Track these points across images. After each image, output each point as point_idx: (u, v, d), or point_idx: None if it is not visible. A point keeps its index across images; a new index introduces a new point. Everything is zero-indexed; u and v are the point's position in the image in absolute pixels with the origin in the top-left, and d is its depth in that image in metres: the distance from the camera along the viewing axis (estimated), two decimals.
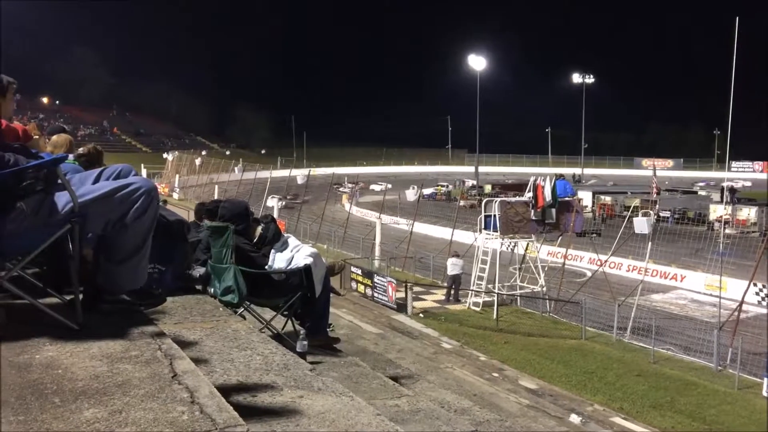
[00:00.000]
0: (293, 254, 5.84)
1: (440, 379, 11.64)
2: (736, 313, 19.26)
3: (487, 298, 23.51)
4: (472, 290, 24.07)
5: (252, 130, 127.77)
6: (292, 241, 6.10)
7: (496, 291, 23.32)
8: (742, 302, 19.51)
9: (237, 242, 5.61)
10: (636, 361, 17.93)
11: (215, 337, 3.65)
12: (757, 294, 22.96)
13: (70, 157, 5.05)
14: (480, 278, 23.94)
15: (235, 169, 63.22)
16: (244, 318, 5.26)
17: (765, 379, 15.49)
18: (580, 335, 20.24)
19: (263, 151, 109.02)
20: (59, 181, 2.75)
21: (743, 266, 23.77)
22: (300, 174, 59.70)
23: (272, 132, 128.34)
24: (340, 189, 58.59)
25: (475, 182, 69.39)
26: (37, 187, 2.70)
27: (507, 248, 25.05)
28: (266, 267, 5.87)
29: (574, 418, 12.45)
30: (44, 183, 2.71)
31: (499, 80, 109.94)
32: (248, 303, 5.78)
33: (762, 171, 77.89)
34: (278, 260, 5.86)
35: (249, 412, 2.50)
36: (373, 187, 62.31)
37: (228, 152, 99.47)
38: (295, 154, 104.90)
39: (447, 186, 68.35)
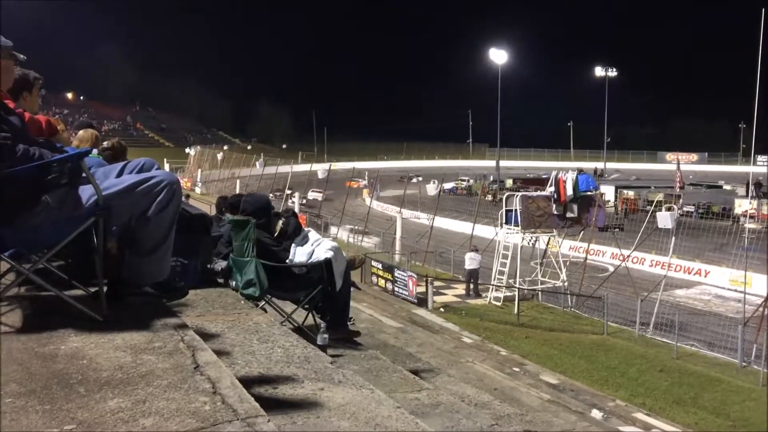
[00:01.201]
0: (314, 248, 5.87)
1: (461, 373, 11.63)
2: (761, 309, 19.02)
3: (508, 293, 23.44)
4: (493, 285, 24.00)
5: (273, 125, 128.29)
6: (313, 235, 6.13)
7: (518, 286, 23.23)
8: (767, 298, 19.25)
9: (258, 236, 5.65)
10: (659, 356, 17.78)
11: (237, 330, 3.68)
12: None
13: (95, 151, 5.11)
14: (501, 273, 23.86)
15: (257, 163, 63.50)
16: (266, 311, 5.29)
17: None
18: (602, 330, 20.10)
19: (284, 146, 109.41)
20: (83, 174, 2.78)
21: None
22: (321, 168, 59.84)
23: (293, 127, 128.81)
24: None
25: (503, 178, 68.99)
26: (62, 181, 2.73)
27: (528, 243, 24.93)
28: (287, 261, 5.91)
29: (596, 414, 12.38)
30: (69, 177, 2.74)
31: (520, 74, 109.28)
32: (269, 296, 5.82)
33: None
34: (299, 254, 5.89)
35: (270, 404, 2.53)
36: (311, 195, 53.89)
37: (249, 147, 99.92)
38: (316, 149, 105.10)
39: (468, 180, 68.11)
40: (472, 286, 24.53)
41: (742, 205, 40.29)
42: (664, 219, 23.22)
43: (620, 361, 17.22)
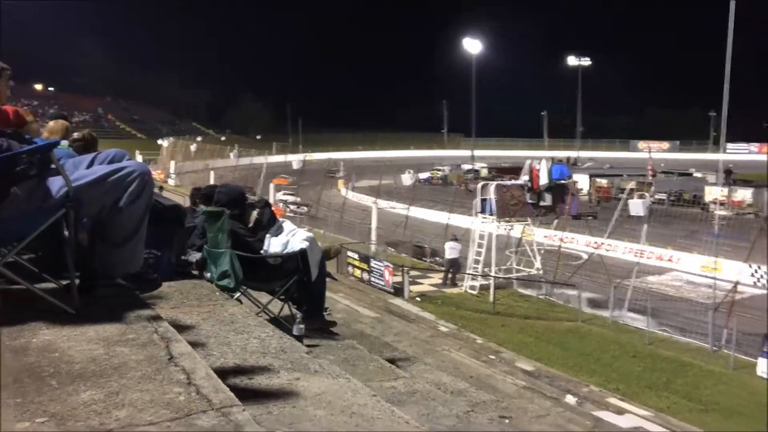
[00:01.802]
0: (289, 239, 5.86)
1: (437, 362, 11.68)
2: (731, 294, 19.37)
3: (483, 282, 23.57)
4: (469, 274, 24.13)
5: (248, 117, 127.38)
6: (288, 225, 6.11)
7: (493, 274, 23.38)
8: (737, 283, 19.63)
9: (232, 227, 5.62)
10: (632, 342, 18.03)
11: (212, 321, 3.67)
12: (752, 275, 23.03)
13: (65, 142, 5.04)
14: (476, 262, 23.99)
15: (231, 154, 63.16)
16: (241, 302, 5.28)
17: (759, 359, 15.61)
18: (577, 318, 20.33)
19: (258, 137, 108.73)
20: (53, 166, 2.75)
21: (738, 247, 23.90)
22: (296, 159, 59.63)
23: (268, 118, 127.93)
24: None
25: (471, 166, 69.26)
26: (31, 172, 2.70)
27: (503, 231, 25.08)
28: (262, 251, 5.89)
29: (570, 399, 12.53)
30: (38, 168, 2.71)
31: (495, 63, 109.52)
32: (245, 287, 5.81)
33: (758, 152, 77.93)
34: (274, 245, 5.87)
35: (246, 394, 2.52)
36: (281, 196, 44.68)
37: (223, 138, 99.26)
38: (291, 140, 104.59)
39: (443, 170, 68.22)
40: (450, 275, 24.64)
41: (712, 192, 40.89)
42: (636, 206, 23.57)
43: (594, 347, 17.44)
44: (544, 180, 23.90)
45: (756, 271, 22.94)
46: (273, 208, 6.49)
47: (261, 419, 2.43)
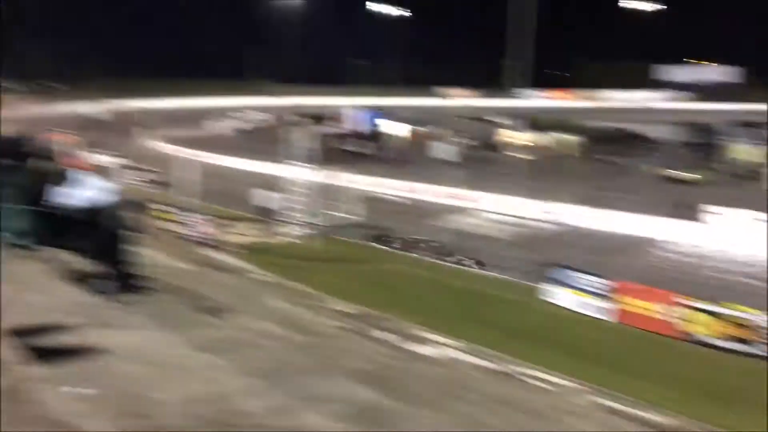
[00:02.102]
0: (89, 192, 5.50)
1: (257, 311, 11.62)
2: (529, 231, 21.16)
3: (305, 230, 23.73)
4: (290, 222, 24.16)
5: (36, 62, 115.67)
6: (87, 178, 5.73)
7: (314, 222, 23.58)
8: (532, 219, 21.45)
9: (26, 181, 5.18)
10: (444, 280, 19.11)
11: (7, 282, 3.40)
12: (547, 213, 25.28)
13: None
14: (296, 210, 24.06)
15: (17, 104, 57.76)
16: (41, 260, 4.92)
17: (549, 286, 17.41)
18: (395, 260, 21.15)
19: (50, 84, 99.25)
20: None
21: (535, 188, 26.17)
22: (93, 108, 56.37)
23: (58, 64, 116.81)
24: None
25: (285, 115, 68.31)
26: None
27: (321, 179, 25.31)
28: (61, 206, 5.48)
29: (388, 336, 13.07)
30: None
31: (297, 9, 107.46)
32: (43, 244, 5.40)
33: (548, 98, 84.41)
34: (73, 198, 5.49)
35: (49, 354, 2.39)
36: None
37: (8, 86, 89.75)
38: (87, 86, 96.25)
39: (257, 120, 66.61)
40: (269, 225, 24.50)
41: (505, 136, 43.97)
42: (444, 151, 24.78)
43: (411, 286, 18.28)
44: (360, 127, 24.38)
45: (549, 210, 25.24)
46: (77, 161, 6.08)
47: (65, 377, 2.31)
